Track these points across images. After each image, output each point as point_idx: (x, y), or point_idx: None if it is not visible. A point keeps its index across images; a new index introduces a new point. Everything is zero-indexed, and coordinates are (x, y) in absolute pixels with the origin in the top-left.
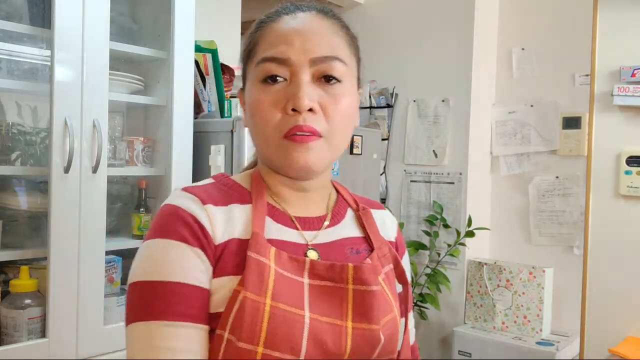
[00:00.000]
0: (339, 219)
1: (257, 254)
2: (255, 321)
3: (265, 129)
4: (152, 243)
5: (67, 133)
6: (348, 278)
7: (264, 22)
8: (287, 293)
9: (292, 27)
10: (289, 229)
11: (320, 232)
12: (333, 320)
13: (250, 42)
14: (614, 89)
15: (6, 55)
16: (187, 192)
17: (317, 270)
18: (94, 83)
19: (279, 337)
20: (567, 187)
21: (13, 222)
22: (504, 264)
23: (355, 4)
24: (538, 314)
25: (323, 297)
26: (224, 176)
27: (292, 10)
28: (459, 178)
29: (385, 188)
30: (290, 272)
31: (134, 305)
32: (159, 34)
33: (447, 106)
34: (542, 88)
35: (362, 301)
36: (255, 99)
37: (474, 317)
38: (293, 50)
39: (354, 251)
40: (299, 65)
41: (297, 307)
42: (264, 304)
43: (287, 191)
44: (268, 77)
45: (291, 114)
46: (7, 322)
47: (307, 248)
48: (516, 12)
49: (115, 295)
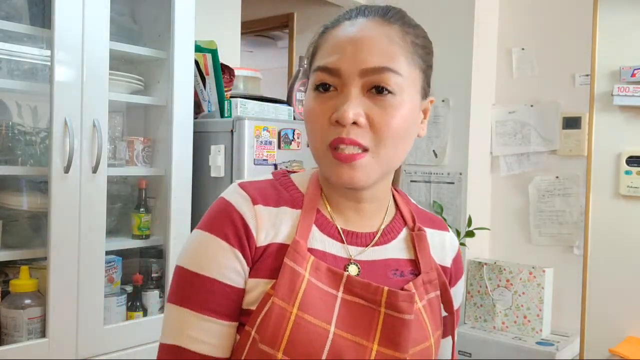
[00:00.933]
0: (390, 238)
1: (294, 262)
2: (279, 327)
3: (314, 136)
4: (199, 234)
5: (67, 133)
6: (381, 301)
7: (327, 28)
8: (316, 305)
9: (348, 35)
10: (334, 241)
11: (367, 249)
12: (359, 339)
13: (313, 47)
14: (614, 89)
15: (6, 55)
16: (242, 188)
17: (353, 287)
18: (94, 83)
19: (299, 347)
20: (567, 187)
21: (13, 222)
22: (504, 264)
23: (355, 4)
24: (538, 314)
25: (354, 314)
26: (283, 175)
27: (353, 15)
28: (459, 178)
29: None
30: (326, 284)
31: (174, 287)
32: (159, 34)
33: (447, 106)
34: (542, 88)
35: (392, 327)
36: (308, 105)
37: (474, 317)
38: (344, 60)
39: (398, 274)
40: (349, 76)
41: (323, 320)
42: (290, 312)
43: (341, 200)
44: (320, 86)
45: (335, 125)
46: (7, 322)
47: (349, 262)
48: (516, 12)
49: (115, 295)
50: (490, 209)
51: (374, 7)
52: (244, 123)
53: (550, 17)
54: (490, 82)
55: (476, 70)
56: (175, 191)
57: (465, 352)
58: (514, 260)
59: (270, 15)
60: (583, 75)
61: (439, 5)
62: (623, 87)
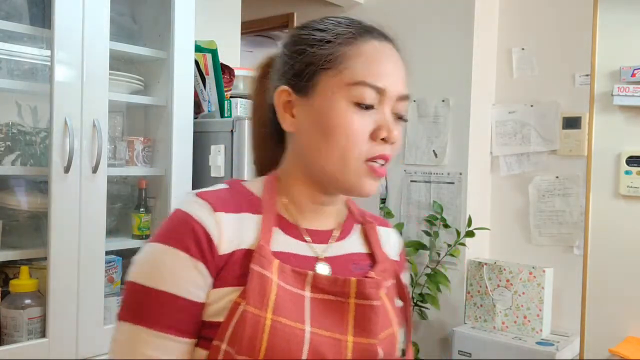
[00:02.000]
0: (346, 234)
1: (261, 267)
2: (256, 335)
3: (349, 150)
4: (157, 247)
5: (67, 133)
6: (350, 292)
7: (353, 38)
8: (288, 307)
9: (387, 57)
10: (298, 241)
11: (330, 245)
12: (333, 334)
13: (337, 53)
14: (614, 89)
15: (6, 55)
16: (200, 198)
17: (320, 284)
18: (94, 83)
19: (278, 351)
20: (567, 187)
21: (13, 222)
22: (504, 264)
23: (355, 4)
24: (538, 314)
25: (324, 311)
26: (237, 182)
27: (378, 36)
28: (459, 178)
29: (385, 188)
30: (293, 285)
31: (127, 304)
32: (159, 34)
33: (447, 106)
34: (542, 88)
35: (363, 315)
36: (346, 119)
37: (474, 317)
38: (389, 81)
39: (358, 267)
40: (390, 97)
41: (297, 321)
42: (264, 318)
43: (308, 203)
44: (363, 104)
45: (380, 142)
46: (7, 322)
47: (317, 261)
48: (516, 12)
49: (115, 295)
50: (490, 209)
51: (387, 31)
52: (244, 123)
53: (550, 17)
54: (490, 82)
55: (476, 70)
56: (175, 191)
57: (465, 352)
58: (514, 260)
59: (270, 15)
60: (583, 75)
61: (439, 5)
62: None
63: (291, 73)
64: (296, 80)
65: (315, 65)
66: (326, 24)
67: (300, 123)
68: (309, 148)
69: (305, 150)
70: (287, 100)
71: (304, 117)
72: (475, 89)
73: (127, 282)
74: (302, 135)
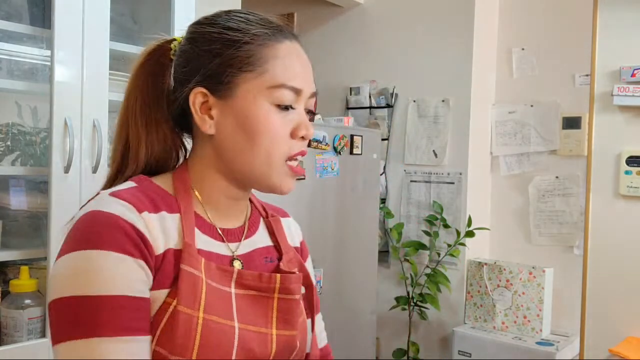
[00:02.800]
0: (255, 229)
1: (190, 266)
2: (188, 334)
3: (272, 150)
4: (87, 255)
5: (67, 133)
6: (275, 287)
7: (268, 39)
8: (217, 305)
9: (298, 56)
10: (215, 240)
11: (242, 243)
12: (259, 328)
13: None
14: (614, 89)
15: (6, 55)
16: (119, 198)
17: (244, 280)
18: (94, 83)
19: (211, 349)
20: (567, 187)
21: (13, 222)
22: (504, 264)
23: (355, 4)
24: (538, 314)
25: (249, 306)
26: (145, 179)
27: (289, 36)
28: (459, 178)
29: (385, 188)
30: (219, 282)
31: (67, 323)
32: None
33: (447, 106)
34: (542, 88)
35: (285, 309)
36: (268, 121)
37: (474, 317)
38: (304, 81)
39: (269, 259)
40: (304, 96)
41: (227, 318)
42: (197, 317)
43: (222, 200)
44: (283, 105)
45: (299, 140)
46: (7, 322)
47: (233, 259)
48: (516, 12)
49: None
50: (490, 209)
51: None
52: None
53: (550, 17)
54: (490, 82)
55: (476, 70)
56: None
57: (465, 352)
58: (514, 260)
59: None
60: (583, 75)
61: (439, 5)
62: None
63: (206, 74)
64: (213, 82)
65: (234, 68)
66: (237, 23)
67: (220, 125)
68: (232, 150)
69: (229, 152)
70: (204, 102)
71: (224, 119)
72: (475, 89)
73: (58, 300)
74: (222, 137)
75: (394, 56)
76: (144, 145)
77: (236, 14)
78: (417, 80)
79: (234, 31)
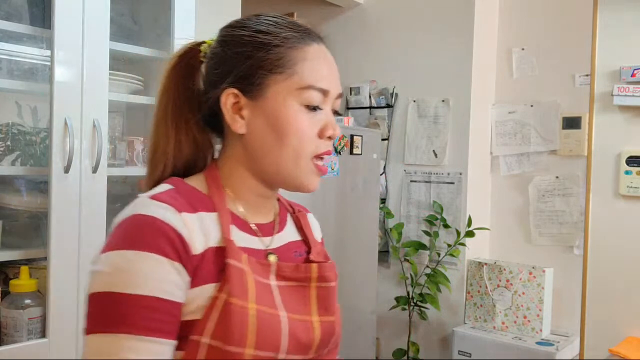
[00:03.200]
0: (283, 225)
1: (236, 260)
2: (243, 325)
3: (300, 149)
4: (127, 255)
5: (67, 133)
6: (312, 277)
7: (297, 42)
8: (264, 296)
9: (325, 59)
10: (250, 236)
11: (273, 237)
12: (302, 316)
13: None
14: (614, 89)
15: (6, 55)
16: (159, 201)
17: (283, 272)
18: (94, 83)
19: (264, 337)
20: (567, 187)
21: (13, 222)
22: (504, 264)
23: (355, 4)
24: (538, 314)
25: (290, 296)
26: (180, 181)
27: (316, 39)
28: (459, 178)
29: (385, 188)
30: (261, 275)
31: (100, 315)
32: (159, 34)
33: (447, 106)
34: (542, 88)
35: (323, 296)
36: (297, 121)
37: (474, 317)
38: (331, 83)
39: (298, 253)
40: (331, 97)
41: (274, 308)
42: (248, 308)
43: (253, 198)
44: (312, 105)
45: (326, 140)
46: (7, 322)
47: (267, 253)
48: (516, 12)
49: None
50: (490, 209)
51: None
52: None
53: (550, 17)
54: (490, 82)
55: (476, 70)
56: None
57: (465, 352)
58: (514, 260)
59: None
60: (583, 75)
61: (439, 5)
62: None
63: (237, 75)
64: (244, 83)
65: (265, 70)
66: (267, 26)
67: (250, 125)
68: (262, 149)
69: (258, 151)
70: (235, 102)
71: (255, 119)
72: (475, 89)
73: (95, 294)
74: (253, 137)
75: (394, 56)
76: (172, 145)
77: (266, 17)
78: (417, 80)
79: (264, 34)
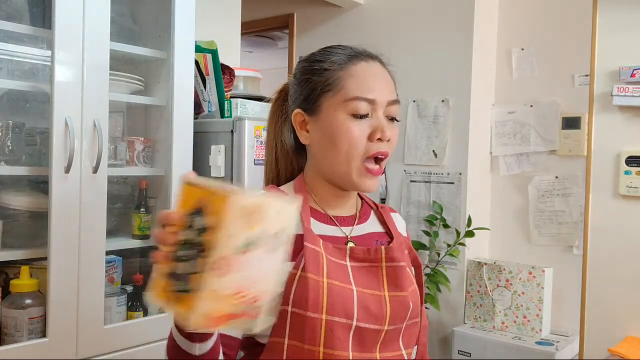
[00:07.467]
0: (366, 218)
1: (312, 244)
2: (318, 294)
3: (351, 152)
4: None
5: (68, 133)
6: (381, 257)
7: (344, 63)
8: (337, 273)
9: (373, 73)
10: (330, 226)
11: (354, 227)
12: (373, 291)
13: (333, 77)
14: (614, 89)
15: (6, 56)
16: None
17: (356, 255)
18: (94, 83)
19: (336, 306)
20: (567, 187)
21: (13, 222)
22: (503, 264)
23: (355, 4)
24: (538, 314)
25: (363, 275)
26: (273, 187)
27: (365, 58)
28: (459, 178)
29: (385, 188)
30: (336, 257)
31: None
32: (159, 34)
33: (447, 106)
34: (542, 88)
35: (393, 274)
36: (346, 128)
37: (473, 317)
38: (378, 93)
39: (379, 242)
40: (381, 105)
41: (346, 283)
42: (322, 282)
43: (331, 196)
44: (359, 114)
45: (376, 141)
46: (7, 322)
47: (347, 240)
48: (516, 12)
49: (115, 295)
50: (490, 209)
51: (374, 52)
52: (244, 123)
53: (550, 17)
54: (490, 82)
55: (476, 70)
56: (175, 191)
57: (465, 352)
58: (513, 260)
59: (270, 15)
60: (582, 75)
61: (439, 6)
62: (622, 87)
63: (301, 98)
64: (306, 103)
65: (318, 90)
66: (322, 55)
67: (312, 137)
68: (322, 156)
69: (319, 157)
70: (302, 120)
71: (315, 132)
72: (475, 89)
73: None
74: (315, 146)
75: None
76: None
77: (327, 47)
78: (417, 80)
79: (318, 62)
